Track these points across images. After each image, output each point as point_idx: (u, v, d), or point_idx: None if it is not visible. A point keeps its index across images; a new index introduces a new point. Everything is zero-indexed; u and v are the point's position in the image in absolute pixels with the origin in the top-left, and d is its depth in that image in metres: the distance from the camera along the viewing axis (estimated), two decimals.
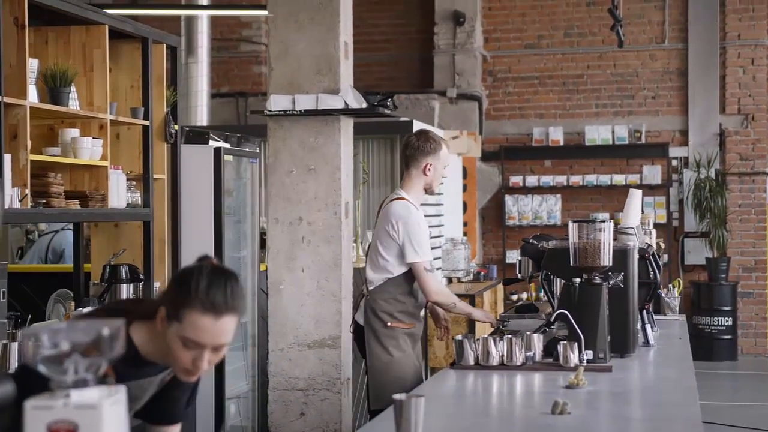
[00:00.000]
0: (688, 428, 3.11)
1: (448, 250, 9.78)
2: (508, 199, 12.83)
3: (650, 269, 5.03)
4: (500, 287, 10.91)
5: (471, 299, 9.02)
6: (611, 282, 4.49)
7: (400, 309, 5.06)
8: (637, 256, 4.71)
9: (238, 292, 2.56)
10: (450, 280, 10.14)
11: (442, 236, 10.13)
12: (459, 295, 8.89)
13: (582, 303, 4.36)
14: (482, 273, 10.64)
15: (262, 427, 6.64)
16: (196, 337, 2.49)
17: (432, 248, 8.87)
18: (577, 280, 4.40)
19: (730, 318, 12.15)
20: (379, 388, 5.03)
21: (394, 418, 2.76)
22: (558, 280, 4.78)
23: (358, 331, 5.19)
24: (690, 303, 12.43)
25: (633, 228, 5.13)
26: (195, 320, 2.47)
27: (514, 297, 11.67)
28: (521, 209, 12.80)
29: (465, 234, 11.94)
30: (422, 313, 5.27)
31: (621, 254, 4.54)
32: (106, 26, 5.14)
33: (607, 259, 4.39)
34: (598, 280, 4.41)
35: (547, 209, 12.74)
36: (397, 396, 2.76)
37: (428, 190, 5.18)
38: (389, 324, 5.02)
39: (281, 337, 5.61)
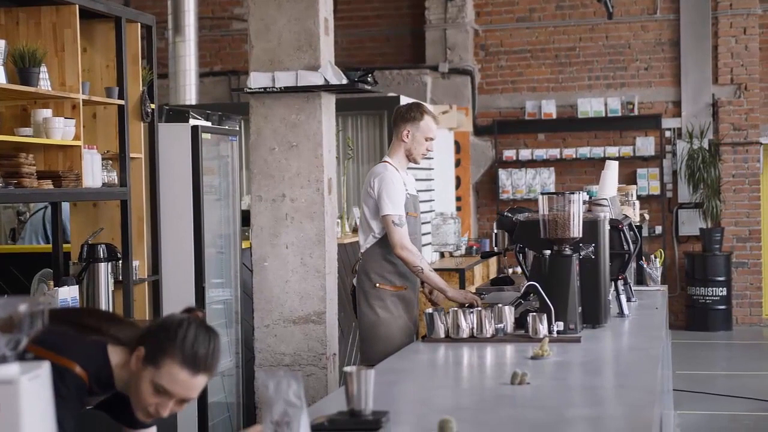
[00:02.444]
0: (642, 395, 3.12)
1: (437, 225, 9.79)
2: (502, 173, 12.83)
3: (624, 240, 5.03)
4: (493, 261, 10.93)
5: (461, 273, 9.05)
6: (582, 253, 4.51)
7: (390, 270, 5.17)
8: (608, 227, 4.71)
9: (218, 353, 2.64)
10: (442, 255, 10.17)
11: (433, 211, 10.14)
12: (449, 270, 8.99)
13: (552, 274, 4.38)
14: (474, 247, 10.66)
15: (248, 403, 6.69)
16: (168, 387, 2.56)
17: (422, 223, 8.93)
18: (548, 251, 4.41)
19: (725, 288, 12.17)
20: (366, 348, 5.17)
21: (345, 390, 2.79)
22: (530, 252, 4.80)
23: (353, 292, 5.32)
24: (684, 274, 12.45)
25: (607, 199, 5.14)
26: (172, 370, 2.55)
27: (510, 270, 11.68)
28: (515, 183, 12.80)
29: (459, 209, 11.96)
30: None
31: (591, 225, 4.56)
32: (77, 6, 5.13)
33: (577, 230, 4.41)
34: (568, 251, 4.42)
35: (540, 182, 12.74)
36: (347, 368, 2.79)
37: (410, 158, 5.27)
38: (378, 285, 5.14)
39: (266, 313, 5.64)
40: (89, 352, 2.64)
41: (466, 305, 4.87)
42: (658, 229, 12.48)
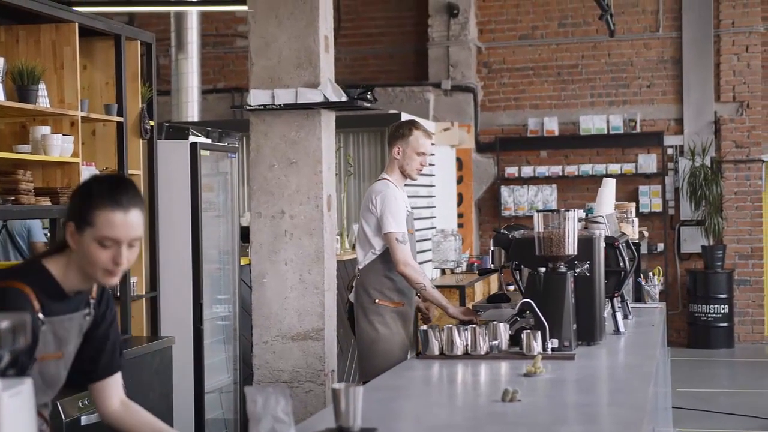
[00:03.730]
0: (631, 413, 3.13)
1: (438, 242, 9.80)
2: (504, 190, 12.84)
3: (620, 258, 5.04)
4: (494, 278, 10.93)
5: (461, 290, 9.05)
6: (577, 271, 4.51)
7: (389, 286, 5.21)
8: (603, 244, 4.72)
9: (137, 191, 2.76)
10: (443, 272, 10.17)
11: (434, 228, 10.15)
12: (449, 286, 8.99)
13: (547, 292, 4.39)
14: (476, 264, 10.66)
15: (245, 420, 6.68)
16: (111, 234, 2.67)
17: (423, 240, 8.91)
18: (542, 269, 4.42)
19: (727, 306, 12.15)
20: (365, 365, 5.20)
21: (333, 407, 2.80)
22: (526, 269, 4.80)
23: (351, 310, 5.36)
24: (686, 291, 12.43)
25: (603, 217, 5.15)
26: (106, 218, 2.66)
27: (512, 288, 11.66)
28: (517, 200, 12.82)
29: (461, 225, 11.97)
30: (414, 292, 5.33)
31: (587, 243, 4.56)
32: (76, 24, 5.18)
33: (571, 248, 4.41)
34: (563, 268, 4.43)
35: (542, 199, 12.75)
36: (335, 385, 2.80)
37: (404, 174, 5.32)
38: (377, 301, 5.18)
39: (265, 330, 5.64)
40: (25, 269, 2.77)
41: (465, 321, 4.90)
42: (660, 247, 12.47)
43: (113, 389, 2.99)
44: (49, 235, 5.79)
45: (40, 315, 2.68)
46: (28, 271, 2.74)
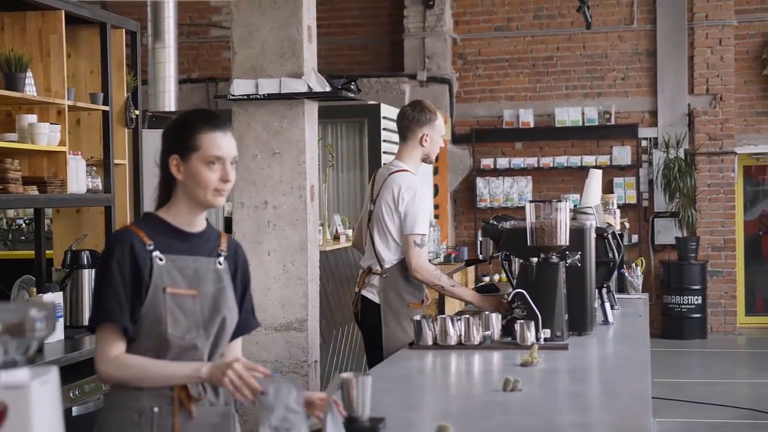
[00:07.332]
0: (634, 401, 3.15)
1: None
2: (480, 182, 12.87)
3: (609, 249, 5.06)
4: (471, 269, 10.96)
5: None
6: (568, 261, 4.53)
7: (418, 285, 5.01)
8: (594, 235, 4.74)
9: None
10: None
11: None
12: None
13: (539, 282, 4.40)
14: (453, 255, 10.68)
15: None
16: (216, 152, 2.85)
17: None
18: (534, 259, 4.43)
19: (700, 297, 12.26)
20: None
21: (342, 396, 2.79)
22: (516, 260, 4.82)
23: (368, 307, 5.04)
24: (660, 282, 12.53)
25: (591, 208, 5.17)
26: (210, 139, 2.86)
27: (487, 279, 11.71)
28: (492, 191, 12.85)
29: (437, 216, 11.99)
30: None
31: (578, 234, 4.58)
32: (62, 11, 5.12)
33: (563, 238, 4.43)
34: (555, 259, 4.44)
35: (518, 191, 12.79)
36: (344, 375, 2.79)
37: (426, 160, 5.09)
38: (410, 305, 4.97)
39: None
40: (137, 220, 3.04)
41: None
42: (635, 238, 12.56)
43: (235, 351, 3.03)
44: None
45: (153, 250, 2.83)
46: (139, 220, 2.97)
